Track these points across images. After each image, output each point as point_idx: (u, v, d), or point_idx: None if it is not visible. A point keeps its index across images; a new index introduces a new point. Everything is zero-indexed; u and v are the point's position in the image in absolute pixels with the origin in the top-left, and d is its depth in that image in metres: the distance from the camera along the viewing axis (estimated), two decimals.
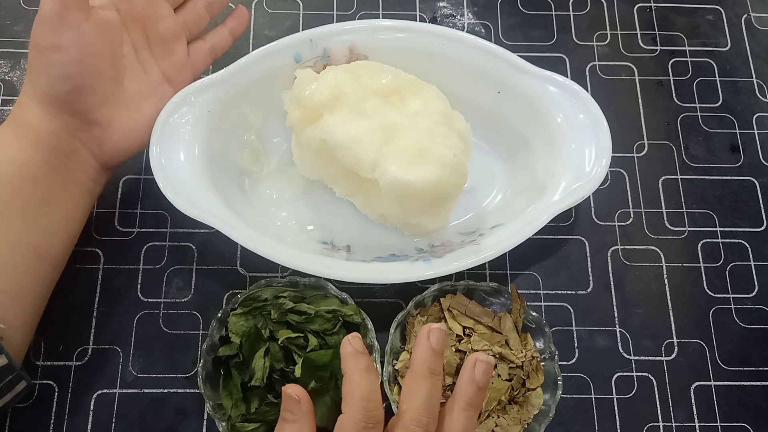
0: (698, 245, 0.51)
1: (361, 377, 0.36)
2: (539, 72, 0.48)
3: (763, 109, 0.55)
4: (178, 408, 0.45)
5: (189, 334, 0.47)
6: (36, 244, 0.41)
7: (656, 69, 0.56)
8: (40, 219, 0.41)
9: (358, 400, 0.36)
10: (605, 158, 0.46)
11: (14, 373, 0.39)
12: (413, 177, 0.41)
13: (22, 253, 0.40)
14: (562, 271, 0.50)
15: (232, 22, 0.49)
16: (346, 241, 0.48)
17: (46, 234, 0.41)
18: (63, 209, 0.42)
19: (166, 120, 0.45)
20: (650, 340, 0.48)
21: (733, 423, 0.46)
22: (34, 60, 0.41)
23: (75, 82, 0.41)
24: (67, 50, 0.40)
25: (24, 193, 0.40)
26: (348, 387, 0.36)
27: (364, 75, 0.46)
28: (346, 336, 0.38)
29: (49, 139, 0.41)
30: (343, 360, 0.37)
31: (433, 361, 0.37)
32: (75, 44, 0.40)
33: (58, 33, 0.39)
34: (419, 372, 0.37)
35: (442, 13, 0.58)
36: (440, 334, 0.38)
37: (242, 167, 0.49)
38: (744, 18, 0.59)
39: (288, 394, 0.37)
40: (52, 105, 0.41)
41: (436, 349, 0.37)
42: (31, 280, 0.41)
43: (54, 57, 0.40)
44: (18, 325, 0.40)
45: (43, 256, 0.41)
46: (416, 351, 0.38)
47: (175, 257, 0.49)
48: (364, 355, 0.37)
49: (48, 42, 0.39)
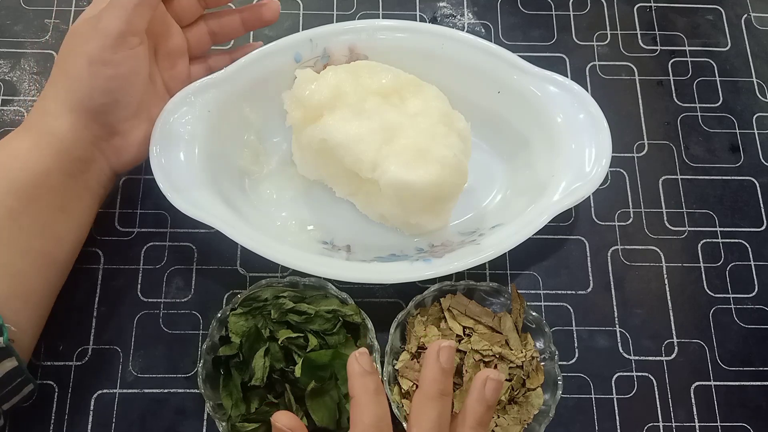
0: (698, 245, 0.51)
1: (369, 401, 0.35)
2: (539, 72, 0.48)
3: (763, 109, 0.55)
4: (178, 408, 0.45)
5: (189, 334, 0.47)
6: (47, 250, 0.41)
7: (656, 69, 0.56)
8: (54, 226, 0.42)
9: (369, 427, 0.35)
10: (605, 158, 0.46)
11: (23, 376, 0.39)
12: (413, 177, 0.41)
13: (34, 258, 0.41)
14: (562, 271, 0.50)
15: (237, 54, 0.49)
16: (346, 241, 0.48)
17: (57, 240, 0.42)
18: (75, 216, 0.43)
19: (166, 120, 0.45)
20: (650, 340, 0.48)
21: (733, 423, 0.46)
22: (78, 69, 0.41)
23: (115, 96, 0.42)
24: (118, 67, 0.41)
25: (40, 202, 0.41)
26: (357, 412, 0.35)
27: (364, 75, 0.46)
28: (353, 353, 0.37)
29: (72, 149, 0.42)
30: (351, 379, 0.36)
31: (444, 381, 0.36)
32: (127, 63, 0.42)
33: (116, 50, 0.41)
34: (429, 393, 0.36)
35: (442, 13, 0.58)
36: (450, 352, 0.37)
37: (242, 167, 0.49)
38: (744, 18, 0.59)
39: (278, 427, 0.35)
40: (85, 115, 0.42)
41: (446, 369, 0.37)
42: (41, 284, 0.42)
43: (104, 71, 0.41)
44: (27, 328, 0.41)
45: (53, 261, 0.42)
46: (426, 370, 0.37)
47: (175, 257, 0.49)
48: (372, 375, 0.36)
49: (103, 57, 0.41)
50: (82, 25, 0.42)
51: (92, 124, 0.42)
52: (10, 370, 0.38)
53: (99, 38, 0.41)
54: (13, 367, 0.38)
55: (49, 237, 0.41)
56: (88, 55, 0.41)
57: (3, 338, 0.37)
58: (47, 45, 0.55)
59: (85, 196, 0.43)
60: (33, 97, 0.53)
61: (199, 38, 0.48)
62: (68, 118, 0.41)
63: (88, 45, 0.41)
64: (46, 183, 0.41)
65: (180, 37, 0.47)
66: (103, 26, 0.41)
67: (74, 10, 0.56)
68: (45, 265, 0.42)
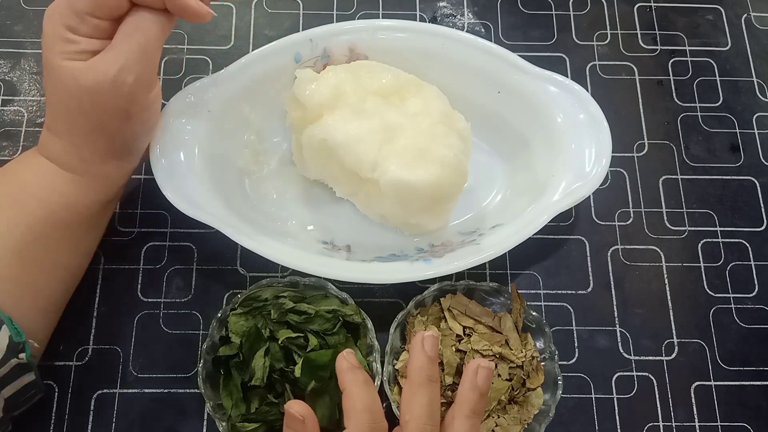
0: (698, 245, 0.51)
1: (360, 390, 0.37)
2: (539, 72, 0.48)
3: (763, 109, 0.55)
4: (178, 408, 0.45)
5: (189, 334, 0.47)
6: (73, 265, 0.43)
7: (656, 69, 0.56)
8: (81, 244, 0.43)
9: (362, 413, 0.36)
10: (605, 158, 0.46)
11: (36, 387, 0.40)
12: (413, 177, 0.41)
13: (58, 273, 0.42)
14: (562, 271, 0.50)
15: None
16: (346, 241, 0.48)
17: (83, 255, 0.44)
18: (99, 231, 0.45)
19: (167, 120, 0.45)
20: (650, 339, 0.48)
21: (733, 423, 0.46)
22: (117, 126, 0.40)
23: (137, 143, 0.43)
24: (150, 113, 0.41)
25: (75, 228, 0.42)
26: (349, 401, 0.37)
27: (364, 75, 0.46)
28: (341, 352, 0.39)
29: (102, 185, 0.42)
30: (340, 375, 0.38)
31: (430, 368, 0.38)
32: (155, 105, 0.41)
33: (148, 102, 0.40)
34: (418, 380, 0.37)
35: (442, 13, 0.58)
36: (434, 341, 0.39)
37: (242, 167, 0.49)
38: (744, 18, 0.59)
39: (291, 414, 0.36)
40: (109, 155, 0.42)
41: (431, 356, 0.38)
42: (61, 295, 0.43)
43: (141, 123, 0.41)
44: (42, 339, 0.42)
45: (75, 274, 0.44)
46: (412, 359, 0.38)
47: (175, 257, 0.49)
48: (360, 370, 0.38)
49: (140, 114, 0.40)
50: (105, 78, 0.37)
51: (112, 160, 0.42)
52: (28, 383, 0.39)
53: (128, 96, 0.38)
54: (31, 380, 0.39)
55: (76, 253, 0.43)
56: (125, 111, 0.39)
57: (26, 354, 0.38)
58: None
59: (109, 212, 0.46)
60: (33, 97, 0.53)
61: None
62: (110, 164, 0.42)
63: (119, 101, 0.38)
64: (84, 212, 0.42)
65: None
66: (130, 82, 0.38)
67: None
68: (67, 277, 0.43)
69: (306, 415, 0.36)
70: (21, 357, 0.38)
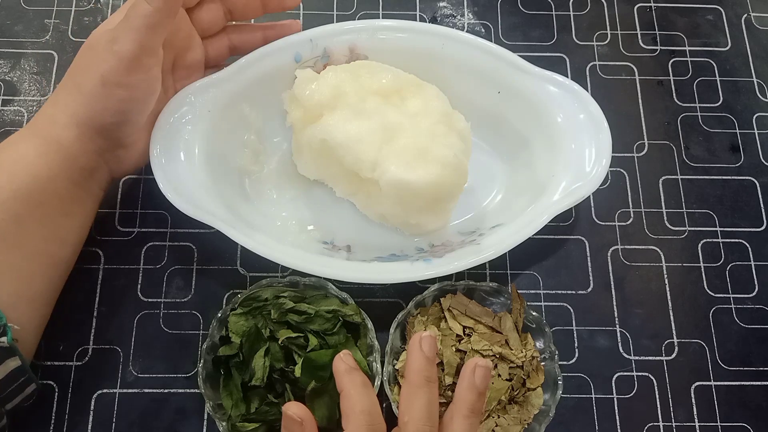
0: (698, 245, 0.51)
1: (358, 392, 0.37)
2: (539, 72, 0.48)
3: (763, 109, 0.55)
4: (178, 408, 0.45)
5: (189, 334, 0.47)
6: (52, 252, 0.42)
7: (656, 69, 0.56)
8: (58, 230, 0.42)
9: (360, 414, 0.36)
10: (605, 158, 0.46)
11: (26, 376, 0.40)
12: (413, 177, 0.41)
13: (38, 260, 0.41)
14: (562, 271, 0.50)
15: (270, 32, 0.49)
16: (346, 241, 0.48)
17: (62, 242, 0.43)
18: (78, 219, 0.44)
19: (167, 120, 0.45)
20: (650, 340, 0.48)
21: (733, 423, 0.46)
22: (91, 88, 0.40)
23: (126, 116, 0.42)
24: (132, 89, 0.41)
25: (45, 207, 0.41)
26: (348, 403, 0.37)
27: (364, 75, 0.46)
28: (338, 354, 0.39)
29: (78, 159, 0.42)
30: (338, 377, 0.38)
31: (428, 368, 0.38)
32: (141, 86, 0.41)
33: (131, 73, 0.40)
34: (416, 381, 0.38)
35: (442, 13, 0.58)
36: (432, 341, 0.39)
37: (242, 167, 0.49)
38: (744, 18, 0.59)
39: (289, 416, 0.36)
40: (93, 129, 0.42)
41: (429, 357, 0.38)
42: (45, 285, 0.42)
43: (118, 92, 0.40)
44: (30, 328, 0.41)
45: (56, 263, 0.43)
46: (410, 360, 0.38)
47: (175, 257, 0.49)
48: (357, 371, 0.38)
49: (118, 80, 0.40)
50: (99, 41, 0.41)
51: (99, 138, 0.42)
52: (14, 369, 0.38)
53: (113, 60, 0.39)
54: (17, 366, 0.39)
55: (53, 240, 0.42)
56: (102, 76, 0.40)
57: (7, 338, 0.38)
58: (47, 45, 0.55)
59: (87, 201, 0.44)
60: (33, 97, 0.53)
61: (218, 51, 0.48)
62: (76, 130, 0.41)
63: (103, 65, 0.40)
64: (52, 189, 0.41)
65: (200, 50, 0.47)
66: (118, 48, 0.39)
67: (74, 10, 0.56)
68: (49, 266, 0.42)
69: (304, 417, 0.36)
70: (2, 340, 0.37)
